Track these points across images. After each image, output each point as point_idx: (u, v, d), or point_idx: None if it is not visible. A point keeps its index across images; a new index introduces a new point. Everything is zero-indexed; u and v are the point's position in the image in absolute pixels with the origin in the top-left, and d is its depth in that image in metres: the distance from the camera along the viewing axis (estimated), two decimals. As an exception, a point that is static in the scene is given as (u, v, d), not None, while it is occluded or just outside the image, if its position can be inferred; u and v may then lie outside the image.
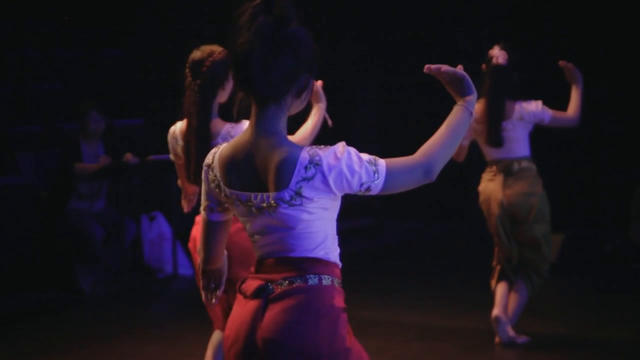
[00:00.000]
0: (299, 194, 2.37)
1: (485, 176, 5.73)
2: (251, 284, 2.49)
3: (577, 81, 5.61)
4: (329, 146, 2.40)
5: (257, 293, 2.45)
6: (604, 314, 6.50)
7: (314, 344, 2.39)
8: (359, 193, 2.42)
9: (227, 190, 2.47)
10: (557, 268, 6.53)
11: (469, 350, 5.65)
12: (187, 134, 4.03)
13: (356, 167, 2.37)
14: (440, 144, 2.46)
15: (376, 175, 2.39)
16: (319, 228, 2.44)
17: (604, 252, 8.22)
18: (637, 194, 8.23)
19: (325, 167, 2.36)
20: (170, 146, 4.18)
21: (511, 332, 5.59)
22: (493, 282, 5.69)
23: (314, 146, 2.40)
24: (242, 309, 2.49)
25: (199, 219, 4.16)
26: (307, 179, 2.36)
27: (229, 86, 4.01)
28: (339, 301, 2.48)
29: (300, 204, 2.38)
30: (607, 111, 8.74)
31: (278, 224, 2.42)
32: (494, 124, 5.52)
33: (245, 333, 2.44)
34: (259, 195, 2.42)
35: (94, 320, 6.76)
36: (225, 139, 3.88)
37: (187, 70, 4.05)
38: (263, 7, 2.40)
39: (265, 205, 2.41)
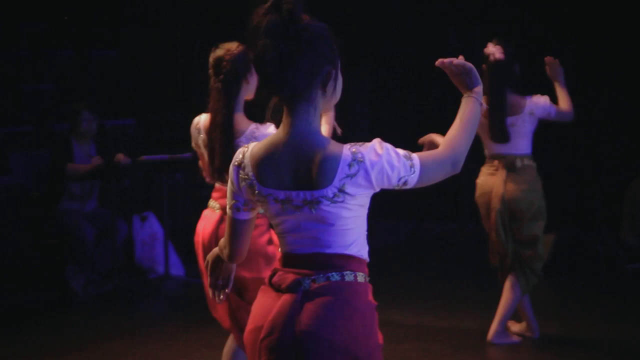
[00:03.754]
0: (342, 191, 2.42)
1: (485, 170, 5.69)
2: (285, 278, 2.50)
3: (559, 78, 5.61)
4: (366, 143, 2.44)
5: (293, 287, 2.47)
6: (596, 313, 6.50)
7: (352, 339, 2.43)
8: (396, 187, 2.48)
9: (262, 189, 2.49)
10: (549, 268, 6.52)
11: (461, 350, 5.66)
12: (211, 130, 4.05)
13: (395, 162, 2.44)
14: (462, 136, 2.55)
15: (412, 169, 2.46)
16: (355, 225, 2.49)
17: (596, 252, 8.24)
18: (628, 194, 8.25)
19: (367, 164, 2.41)
20: (192, 136, 4.21)
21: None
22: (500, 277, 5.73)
23: (354, 143, 2.44)
24: (272, 301, 2.50)
25: (206, 213, 4.16)
26: (350, 176, 2.41)
27: (253, 81, 4.04)
28: (371, 298, 2.54)
29: (342, 201, 2.43)
30: (599, 111, 8.75)
31: (316, 221, 2.46)
32: (497, 121, 5.49)
33: (282, 325, 2.44)
34: (300, 192, 2.44)
35: (85, 321, 6.74)
36: (248, 139, 3.90)
37: (210, 71, 4.09)
38: (273, 8, 2.43)
39: (306, 202, 2.44)
